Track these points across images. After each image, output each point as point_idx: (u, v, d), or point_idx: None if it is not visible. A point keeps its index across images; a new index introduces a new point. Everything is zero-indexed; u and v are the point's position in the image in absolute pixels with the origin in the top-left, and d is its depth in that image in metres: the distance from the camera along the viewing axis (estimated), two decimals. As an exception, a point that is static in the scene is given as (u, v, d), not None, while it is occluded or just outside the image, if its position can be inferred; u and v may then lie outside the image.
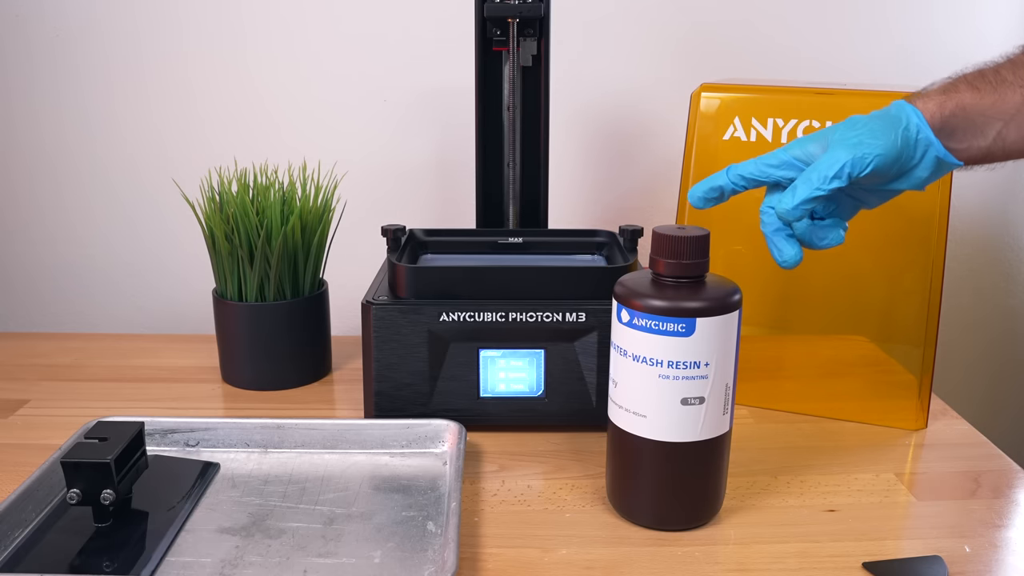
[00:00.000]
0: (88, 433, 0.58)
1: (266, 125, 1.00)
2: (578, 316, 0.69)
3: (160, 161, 1.00)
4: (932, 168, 0.55)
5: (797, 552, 0.56)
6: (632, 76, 1.00)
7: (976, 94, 0.54)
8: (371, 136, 1.01)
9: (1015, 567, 0.55)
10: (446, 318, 0.69)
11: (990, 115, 0.54)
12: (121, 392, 0.82)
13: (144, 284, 1.05)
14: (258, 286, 0.79)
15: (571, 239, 0.81)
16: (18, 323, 1.05)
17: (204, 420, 0.68)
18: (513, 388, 0.71)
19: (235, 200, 0.78)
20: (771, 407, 0.78)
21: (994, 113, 0.54)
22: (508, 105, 0.81)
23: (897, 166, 0.55)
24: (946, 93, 0.55)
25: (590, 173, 1.03)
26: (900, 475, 0.66)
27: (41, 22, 0.97)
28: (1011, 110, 0.54)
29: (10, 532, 0.54)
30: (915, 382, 0.73)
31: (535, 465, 0.67)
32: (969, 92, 0.55)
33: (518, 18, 0.79)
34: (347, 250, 0.92)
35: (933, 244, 0.70)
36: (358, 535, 0.56)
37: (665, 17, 0.99)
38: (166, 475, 0.62)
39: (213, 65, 0.98)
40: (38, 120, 1.00)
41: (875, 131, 0.54)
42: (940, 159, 0.55)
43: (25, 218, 1.03)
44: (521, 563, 0.55)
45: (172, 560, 0.53)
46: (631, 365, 0.55)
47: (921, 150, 0.54)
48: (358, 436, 0.68)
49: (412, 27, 0.98)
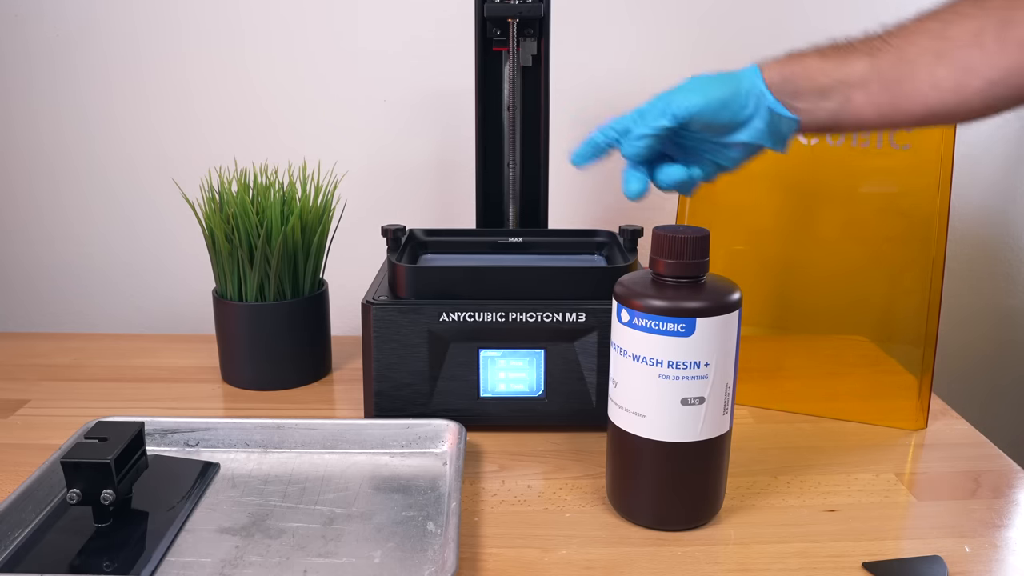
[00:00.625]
0: (88, 433, 0.58)
1: (265, 125, 1.00)
2: (578, 316, 0.69)
3: (159, 161, 1.00)
4: (767, 120, 0.56)
5: (797, 552, 0.56)
6: (632, 76, 1.00)
7: (820, 58, 0.56)
8: (371, 136, 1.01)
9: (1015, 567, 0.55)
10: (446, 318, 0.69)
11: (834, 77, 0.55)
12: (121, 392, 0.82)
13: (143, 284, 1.05)
14: (258, 286, 0.79)
15: (571, 239, 0.81)
16: (17, 323, 1.05)
17: (204, 420, 0.68)
18: (513, 388, 0.71)
19: (235, 200, 0.78)
20: (771, 407, 0.78)
21: (838, 75, 0.55)
22: (508, 105, 0.81)
23: (728, 113, 0.56)
24: (792, 56, 0.57)
25: (590, 173, 1.03)
26: (900, 475, 0.66)
27: (40, 22, 0.97)
28: (856, 76, 0.55)
29: (10, 532, 0.54)
30: (915, 382, 0.73)
31: (535, 465, 0.67)
32: (815, 56, 0.56)
33: (518, 18, 0.79)
34: (347, 250, 0.92)
35: (933, 244, 0.70)
36: (358, 535, 0.56)
37: (665, 17, 0.99)
38: (166, 475, 0.62)
39: (212, 65, 0.98)
40: (37, 120, 1.00)
41: (711, 81, 0.57)
42: (773, 111, 0.56)
43: (24, 218, 1.03)
44: (521, 563, 0.55)
45: (172, 560, 0.53)
46: (631, 365, 0.55)
47: (753, 100, 0.56)
48: (358, 436, 0.68)
49: (412, 27, 0.98)
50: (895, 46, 0.54)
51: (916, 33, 0.54)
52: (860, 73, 0.55)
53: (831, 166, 0.73)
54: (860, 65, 0.55)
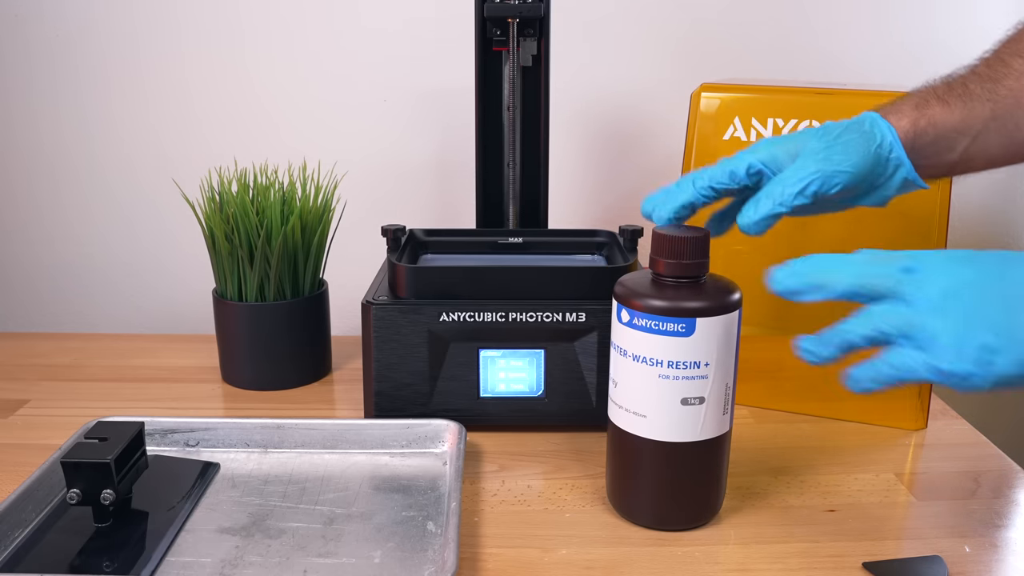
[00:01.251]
0: (88, 433, 0.58)
1: (265, 125, 1.00)
2: (578, 316, 0.69)
3: (159, 161, 1.00)
4: (899, 188, 0.54)
5: (797, 552, 0.56)
6: (632, 76, 1.00)
7: (946, 109, 0.53)
8: (371, 136, 1.01)
9: (1015, 567, 0.55)
10: (446, 318, 0.69)
11: (960, 131, 0.53)
12: (121, 392, 0.82)
13: (143, 284, 1.05)
14: (258, 286, 0.79)
15: (571, 239, 0.81)
16: (17, 323, 1.05)
17: (204, 420, 0.68)
18: (513, 388, 0.71)
19: (235, 200, 0.78)
20: (771, 407, 0.78)
21: (963, 129, 0.53)
22: (508, 105, 0.81)
23: (866, 184, 0.53)
24: (919, 109, 0.54)
25: (590, 173, 1.03)
26: (900, 475, 0.66)
27: (40, 22, 0.97)
28: (978, 125, 0.53)
29: (10, 532, 0.54)
30: (915, 382, 0.73)
31: (535, 465, 0.67)
32: (940, 107, 0.53)
33: (518, 18, 0.79)
34: (347, 250, 0.91)
35: (933, 244, 0.70)
36: (358, 535, 0.56)
37: (665, 17, 0.99)
38: (166, 475, 0.62)
39: (212, 65, 0.98)
40: (36, 120, 1.00)
41: (847, 145, 0.52)
42: (908, 180, 0.54)
43: (24, 218, 1.03)
44: (521, 563, 0.55)
45: (172, 560, 0.53)
46: (631, 365, 0.55)
47: (891, 169, 0.53)
48: (358, 436, 0.68)
49: (412, 27, 0.98)
50: (1010, 89, 0.53)
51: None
52: (983, 122, 0.53)
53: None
54: (983, 113, 0.53)
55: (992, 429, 0.79)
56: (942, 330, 0.42)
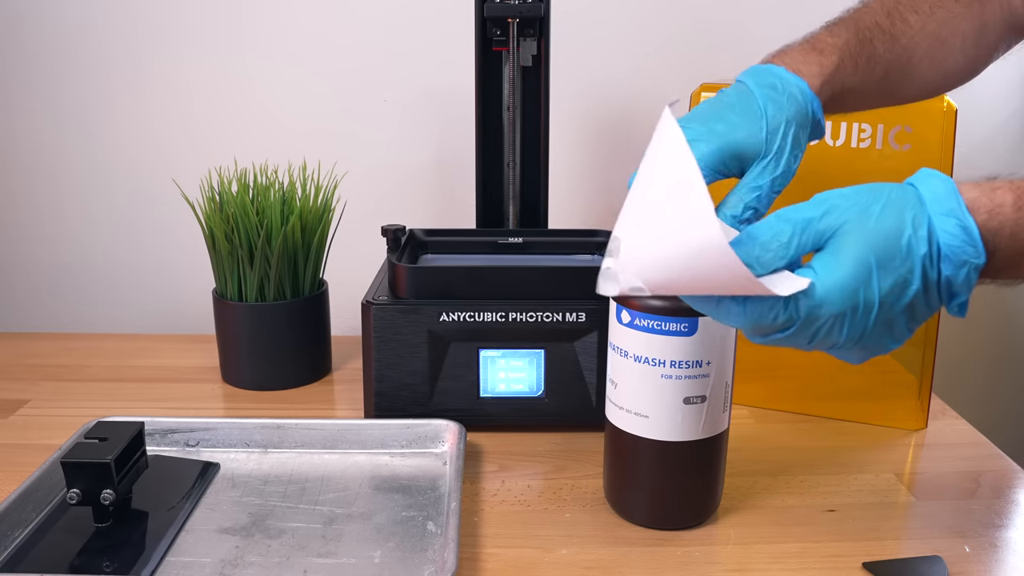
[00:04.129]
0: (88, 433, 0.58)
1: (266, 125, 1.00)
2: (578, 316, 0.69)
3: (159, 161, 1.00)
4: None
5: (797, 552, 0.56)
6: (632, 76, 1.00)
7: (856, 72, 0.51)
8: (371, 136, 1.01)
9: (1015, 567, 0.55)
10: (446, 318, 0.69)
11: (857, 92, 0.52)
12: (121, 392, 0.82)
13: (144, 284, 1.05)
14: (258, 286, 0.79)
15: (571, 239, 0.81)
16: (18, 323, 1.05)
17: (204, 420, 0.68)
18: (513, 388, 0.71)
19: (235, 200, 0.78)
20: (771, 407, 0.78)
21: (860, 90, 0.52)
22: (508, 105, 0.81)
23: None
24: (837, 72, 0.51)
25: (590, 173, 1.03)
26: (900, 475, 0.66)
27: (40, 22, 0.97)
28: (872, 86, 0.53)
29: (10, 532, 0.54)
30: (915, 382, 0.73)
31: (535, 465, 0.67)
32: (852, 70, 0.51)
33: (518, 18, 0.79)
34: (347, 250, 0.91)
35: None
36: (358, 535, 0.56)
37: (665, 17, 0.99)
38: (166, 475, 0.62)
39: (212, 65, 0.98)
40: (37, 121, 1.00)
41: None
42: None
43: (24, 219, 1.03)
44: (521, 563, 0.55)
45: (172, 560, 0.53)
46: (632, 366, 0.55)
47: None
48: (358, 436, 0.68)
49: (412, 27, 0.98)
50: (904, 47, 0.53)
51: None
52: (876, 83, 0.53)
53: (832, 166, 0.73)
54: (879, 74, 0.53)
55: (992, 429, 0.79)
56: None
